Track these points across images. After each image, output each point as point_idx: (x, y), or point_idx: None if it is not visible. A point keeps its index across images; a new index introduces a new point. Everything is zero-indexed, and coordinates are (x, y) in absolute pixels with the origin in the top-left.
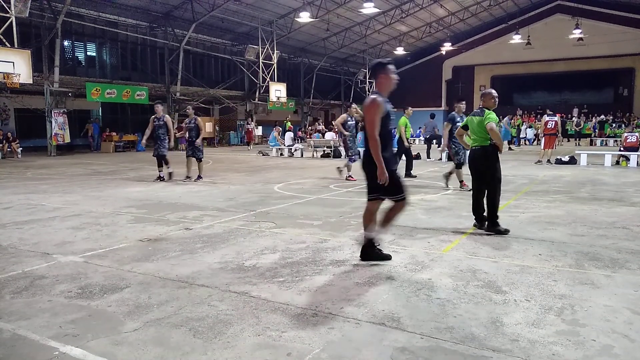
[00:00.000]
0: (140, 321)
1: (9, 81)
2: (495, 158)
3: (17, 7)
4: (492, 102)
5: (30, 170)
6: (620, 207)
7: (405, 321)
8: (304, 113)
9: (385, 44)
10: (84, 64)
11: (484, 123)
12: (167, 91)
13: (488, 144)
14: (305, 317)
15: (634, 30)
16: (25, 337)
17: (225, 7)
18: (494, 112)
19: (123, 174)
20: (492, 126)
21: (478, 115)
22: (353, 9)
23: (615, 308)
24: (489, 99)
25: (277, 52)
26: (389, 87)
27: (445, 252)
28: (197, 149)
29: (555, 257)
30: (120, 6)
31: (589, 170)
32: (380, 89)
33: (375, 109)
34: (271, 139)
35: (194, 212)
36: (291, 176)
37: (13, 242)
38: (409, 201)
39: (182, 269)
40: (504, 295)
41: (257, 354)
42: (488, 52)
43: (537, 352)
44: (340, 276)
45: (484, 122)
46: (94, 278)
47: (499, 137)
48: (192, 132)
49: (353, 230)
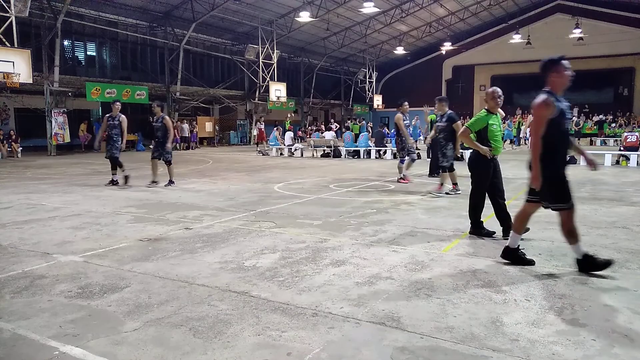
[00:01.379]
0: (140, 321)
1: (9, 81)
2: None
3: (17, 6)
4: (493, 102)
5: (30, 170)
6: (620, 207)
7: (405, 321)
8: (303, 113)
9: (385, 43)
10: (84, 64)
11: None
12: (167, 91)
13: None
14: (305, 317)
15: (634, 30)
16: (25, 337)
17: (225, 6)
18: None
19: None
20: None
21: None
22: (353, 8)
23: (615, 308)
24: (490, 98)
25: (277, 51)
26: (562, 84)
27: (445, 252)
28: (165, 150)
29: (555, 257)
30: (120, 6)
31: (588, 169)
32: (553, 88)
33: (542, 110)
34: (271, 139)
35: (194, 211)
36: (291, 176)
37: (13, 242)
38: (574, 211)
39: (182, 268)
40: (504, 295)
41: (257, 354)
42: (488, 51)
43: (537, 351)
44: (340, 276)
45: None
46: (94, 278)
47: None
48: (158, 132)
49: (353, 230)
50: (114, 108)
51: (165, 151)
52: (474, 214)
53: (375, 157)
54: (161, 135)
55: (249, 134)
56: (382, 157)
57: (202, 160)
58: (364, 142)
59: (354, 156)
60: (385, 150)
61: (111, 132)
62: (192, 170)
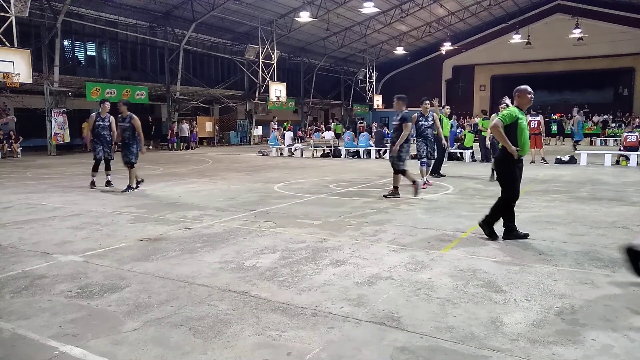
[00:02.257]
0: (140, 321)
1: (8, 81)
2: (504, 163)
3: (17, 6)
4: (526, 99)
5: (30, 169)
6: (620, 207)
7: (405, 321)
8: (303, 113)
9: (385, 43)
10: (84, 64)
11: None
12: (167, 91)
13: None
14: (305, 317)
15: (634, 29)
16: (25, 337)
17: (225, 6)
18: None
19: (123, 174)
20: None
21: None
22: (353, 8)
23: (615, 308)
24: (523, 95)
25: (277, 51)
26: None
27: (445, 252)
28: (130, 151)
29: (555, 257)
30: (120, 6)
31: (588, 169)
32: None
33: None
34: (271, 139)
35: (193, 211)
36: (291, 176)
37: (13, 242)
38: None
39: (182, 268)
40: (504, 295)
41: (257, 354)
42: (488, 51)
43: (537, 351)
44: (340, 276)
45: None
46: (93, 278)
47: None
48: (125, 132)
49: (353, 229)
50: (102, 108)
51: (129, 152)
52: (511, 216)
53: (375, 157)
54: (128, 136)
55: (248, 134)
56: (382, 157)
57: (202, 160)
58: (364, 142)
59: (353, 156)
60: (385, 150)
61: (102, 133)
62: (192, 170)
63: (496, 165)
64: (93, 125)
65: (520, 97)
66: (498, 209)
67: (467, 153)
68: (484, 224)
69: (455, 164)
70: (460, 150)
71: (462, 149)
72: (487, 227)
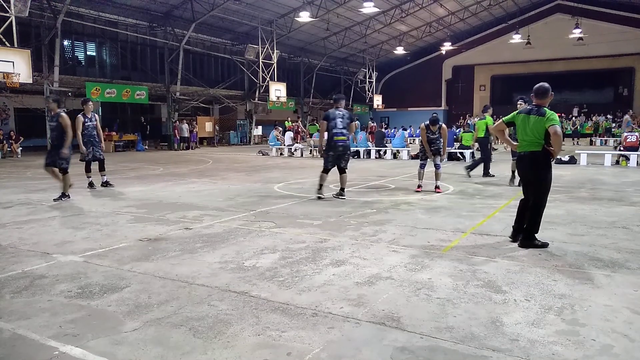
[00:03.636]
0: (140, 321)
1: (8, 81)
2: (545, 166)
3: (17, 6)
4: (549, 99)
5: (30, 169)
6: (620, 207)
7: (405, 321)
8: (303, 113)
9: (385, 43)
10: (84, 64)
11: (545, 125)
12: (167, 91)
13: (540, 149)
14: (305, 317)
15: (634, 29)
16: (25, 337)
17: (225, 6)
18: None
19: (123, 174)
20: (556, 130)
21: (535, 114)
22: (353, 8)
23: (615, 308)
24: (550, 95)
25: (277, 51)
26: None
27: (445, 252)
28: (60, 155)
29: (555, 257)
30: (120, 6)
31: (588, 169)
32: None
33: None
34: (271, 139)
35: (193, 211)
36: (291, 176)
37: (13, 242)
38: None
39: (182, 268)
40: (504, 295)
41: (257, 354)
42: (488, 51)
43: (537, 351)
44: (340, 276)
45: (546, 123)
46: (93, 278)
47: (560, 143)
48: (53, 132)
49: (353, 230)
50: (86, 108)
51: (59, 156)
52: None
53: (375, 157)
54: (56, 136)
55: (248, 134)
56: (382, 157)
57: (202, 160)
58: (363, 142)
59: (353, 156)
60: (386, 151)
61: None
62: (192, 170)
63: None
64: (83, 127)
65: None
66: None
67: (467, 153)
68: (526, 242)
69: (455, 164)
70: (461, 150)
71: (463, 148)
72: (530, 242)
